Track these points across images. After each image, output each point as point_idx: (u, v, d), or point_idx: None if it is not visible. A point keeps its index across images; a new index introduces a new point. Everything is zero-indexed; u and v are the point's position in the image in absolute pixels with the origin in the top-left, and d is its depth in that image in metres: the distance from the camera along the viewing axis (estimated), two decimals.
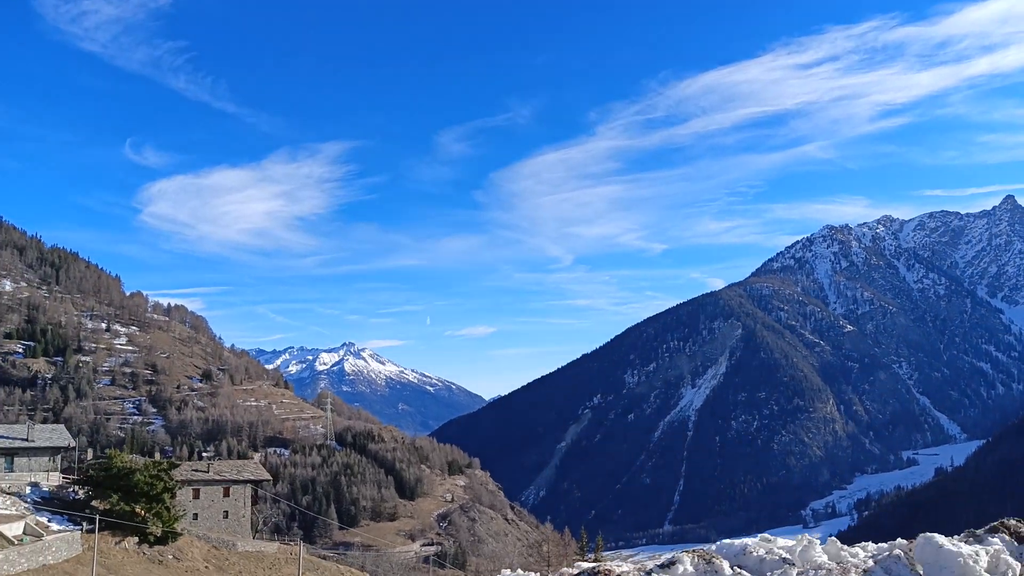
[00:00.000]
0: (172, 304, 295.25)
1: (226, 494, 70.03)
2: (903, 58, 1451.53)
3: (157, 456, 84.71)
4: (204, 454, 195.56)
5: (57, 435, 65.52)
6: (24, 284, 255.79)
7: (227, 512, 69.84)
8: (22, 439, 62.52)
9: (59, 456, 63.78)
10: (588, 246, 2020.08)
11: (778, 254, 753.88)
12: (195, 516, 67.45)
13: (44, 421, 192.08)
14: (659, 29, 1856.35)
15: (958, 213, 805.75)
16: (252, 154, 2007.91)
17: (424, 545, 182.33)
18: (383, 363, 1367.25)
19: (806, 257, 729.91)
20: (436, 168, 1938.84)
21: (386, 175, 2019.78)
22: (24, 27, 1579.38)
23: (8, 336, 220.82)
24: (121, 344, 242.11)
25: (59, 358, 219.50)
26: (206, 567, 55.54)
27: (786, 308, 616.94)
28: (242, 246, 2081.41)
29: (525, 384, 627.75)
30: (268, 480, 79.29)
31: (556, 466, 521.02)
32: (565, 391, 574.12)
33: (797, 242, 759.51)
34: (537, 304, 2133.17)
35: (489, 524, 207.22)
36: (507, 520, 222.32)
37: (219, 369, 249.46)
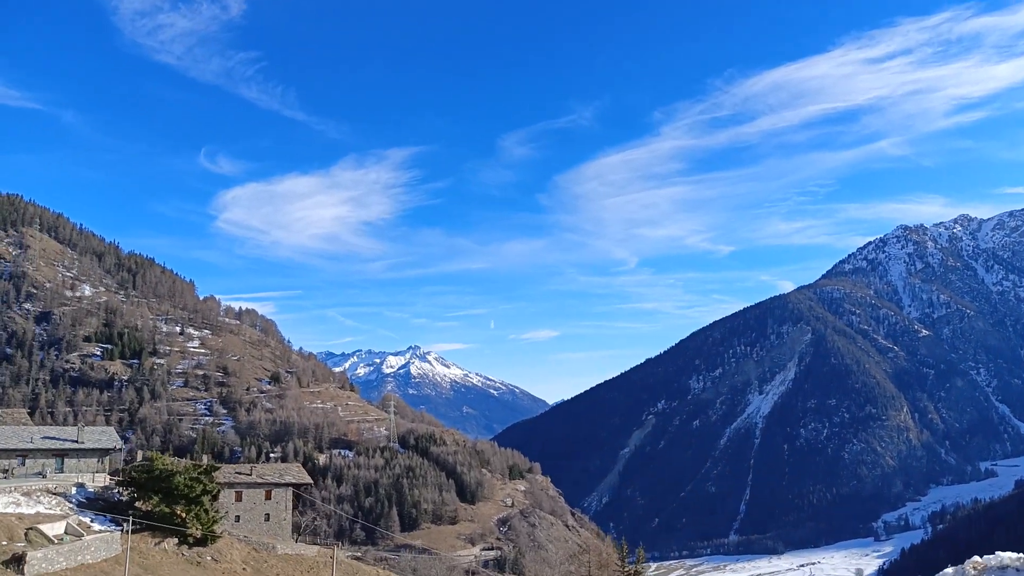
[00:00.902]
0: (243, 308, 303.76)
1: (268, 497, 71.32)
2: (980, 50, 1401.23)
3: (205, 460, 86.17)
4: (271, 455, 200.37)
5: (106, 437, 67.83)
6: (103, 289, 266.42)
7: (268, 515, 71.06)
8: (72, 440, 64.82)
9: (107, 457, 66.05)
10: (653, 248, 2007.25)
11: (850, 255, 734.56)
12: (237, 518, 68.70)
13: (120, 422, 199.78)
14: (724, 26, 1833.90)
15: None
16: (321, 161, 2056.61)
17: (484, 549, 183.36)
18: (448, 366, 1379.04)
19: (879, 259, 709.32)
20: (499, 172, 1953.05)
21: (450, 179, 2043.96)
22: (103, 41, 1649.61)
23: (87, 339, 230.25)
24: (194, 347, 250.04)
25: (135, 360, 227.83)
26: (244, 569, 56.68)
27: (858, 312, 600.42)
28: (312, 251, 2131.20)
29: (588, 388, 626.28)
30: (310, 484, 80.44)
31: (619, 472, 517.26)
32: (629, 396, 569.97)
33: (870, 243, 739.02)
34: (602, 307, 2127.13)
35: (549, 530, 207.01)
36: (567, 526, 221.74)
37: (287, 371, 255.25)
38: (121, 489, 58.42)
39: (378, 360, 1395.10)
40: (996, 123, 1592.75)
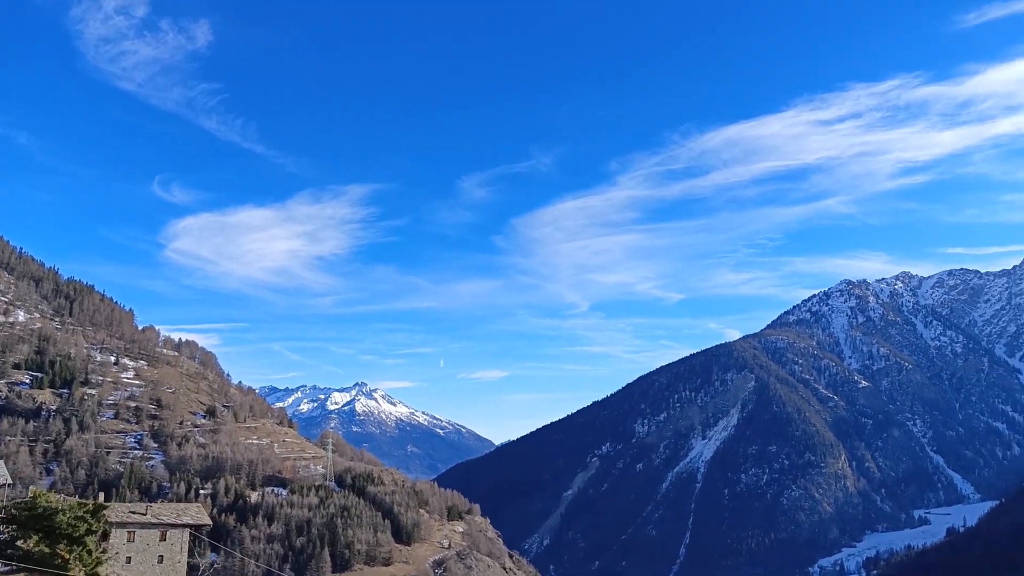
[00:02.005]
0: (183, 339, 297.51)
1: (163, 538, 69.25)
2: (926, 117, 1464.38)
3: (101, 497, 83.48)
4: (201, 491, 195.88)
5: None
6: (37, 315, 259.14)
7: (162, 556, 68.79)
8: None
9: None
10: (605, 293, 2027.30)
11: (794, 307, 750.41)
12: (128, 560, 66.25)
13: (44, 453, 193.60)
14: (682, 82, 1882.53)
15: (978, 271, 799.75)
16: (277, 194, 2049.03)
17: None
18: (394, 404, 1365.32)
19: (822, 311, 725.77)
20: (457, 212, 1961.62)
21: (407, 218, 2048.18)
22: (65, 65, 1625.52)
23: (16, 367, 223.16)
24: (128, 378, 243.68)
25: (65, 390, 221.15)
26: None
27: (800, 361, 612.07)
28: (262, 283, 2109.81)
29: (534, 430, 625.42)
30: (208, 525, 78.22)
31: (562, 514, 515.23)
32: (574, 438, 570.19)
33: (814, 296, 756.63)
34: (552, 350, 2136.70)
35: (486, 572, 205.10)
36: (505, 569, 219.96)
37: (224, 406, 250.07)
38: (2, 528, 56.59)
39: (323, 396, 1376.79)
40: (939, 187, 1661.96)
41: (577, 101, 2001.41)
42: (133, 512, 70.86)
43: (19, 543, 53.84)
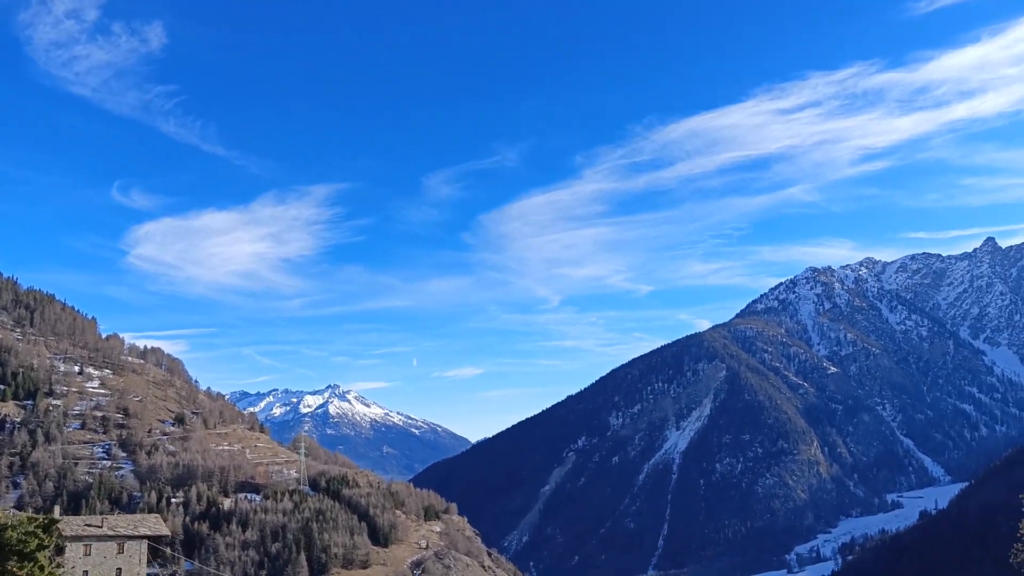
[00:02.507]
0: (148, 347, 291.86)
1: (120, 551, 67.10)
2: (883, 103, 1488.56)
3: (56, 511, 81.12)
4: (173, 499, 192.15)
5: None
6: None
7: (120, 569, 66.64)
8: None
9: None
10: (576, 287, 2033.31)
11: (762, 296, 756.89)
12: (85, 574, 64.47)
13: (11, 467, 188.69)
14: (644, 75, 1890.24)
15: (940, 255, 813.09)
16: (240, 197, 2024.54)
17: None
18: (368, 405, 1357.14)
19: (789, 299, 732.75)
20: (424, 210, 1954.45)
21: (374, 217, 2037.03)
22: (15, 71, 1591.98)
23: None
24: (93, 387, 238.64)
25: (29, 401, 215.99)
26: None
27: (770, 350, 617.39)
28: (228, 288, 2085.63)
29: (510, 426, 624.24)
30: (166, 536, 76.14)
31: (540, 510, 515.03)
32: (549, 433, 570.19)
33: (781, 284, 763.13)
34: (525, 345, 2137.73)
35: (464, 571, 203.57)
36: (483, 567, 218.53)
37: (193, 412, 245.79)
38: None
39: (295, 399, 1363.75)
40: (899, 172, 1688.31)
41: (540, 96, 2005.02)
42: (88, 525, 68.63)
43: None
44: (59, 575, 54.27)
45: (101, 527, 67.71)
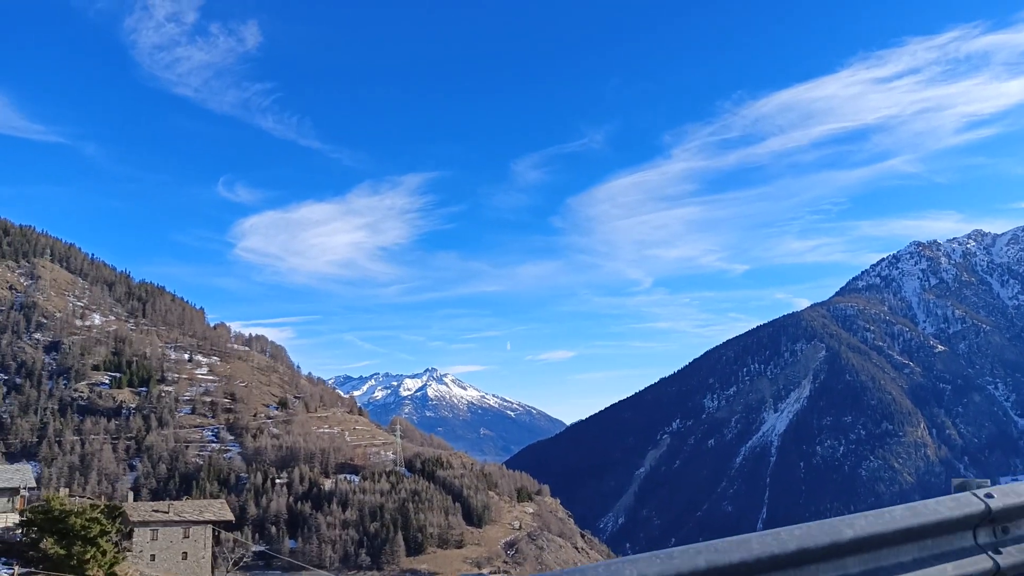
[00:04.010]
0: (253, 334, 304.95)
1: (186, 535, 70.12)
2: (989, 67, 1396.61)
3: (102, 501, 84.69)
4: (277, 480, 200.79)
5: (19, 475, 66.87)
6: (112, 318, 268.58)
7: (186, 553, 69.95)
8: None
9: (17, 497, 64.79)
10: (667, 268, 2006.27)
11: (863, 272, 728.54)
12: (152, 558, 67.64)
13: (127, 450, 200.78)
14: (731, 49, 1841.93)
15: None
16: (336, 188, 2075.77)
17: (491, 573, 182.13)
18: (464, 388, 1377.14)
19: (892, 275, 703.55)
20: (513, 195, 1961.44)
21: (465, 204, 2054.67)
22: (122, 74, 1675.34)
23: (96, 368, 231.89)
24: (202, 374, 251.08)
25: (143, 388, 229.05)
26: None
27: (872, 328, 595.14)
28: (329, 277, 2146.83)
29: (603, 409, 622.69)
30: (231, 520, 79.35)
31: (635, 493, 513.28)
32: (643, 416, 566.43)
33: (883, 259, 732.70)
34: (617, 328, 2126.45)
35: (557, 552, 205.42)
36: (576, 548, 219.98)
37: (295, 397, 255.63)
38: (25, 530, 57.82)
39: (395, 383, 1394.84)
40: (1008, 139, 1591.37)
41: (625, 75, 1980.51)
42: (156, 511, 72.40)
43: (41, 545, 55.39)
44: (122, 558, 57.88)
45: (167, 513, 71.38)
